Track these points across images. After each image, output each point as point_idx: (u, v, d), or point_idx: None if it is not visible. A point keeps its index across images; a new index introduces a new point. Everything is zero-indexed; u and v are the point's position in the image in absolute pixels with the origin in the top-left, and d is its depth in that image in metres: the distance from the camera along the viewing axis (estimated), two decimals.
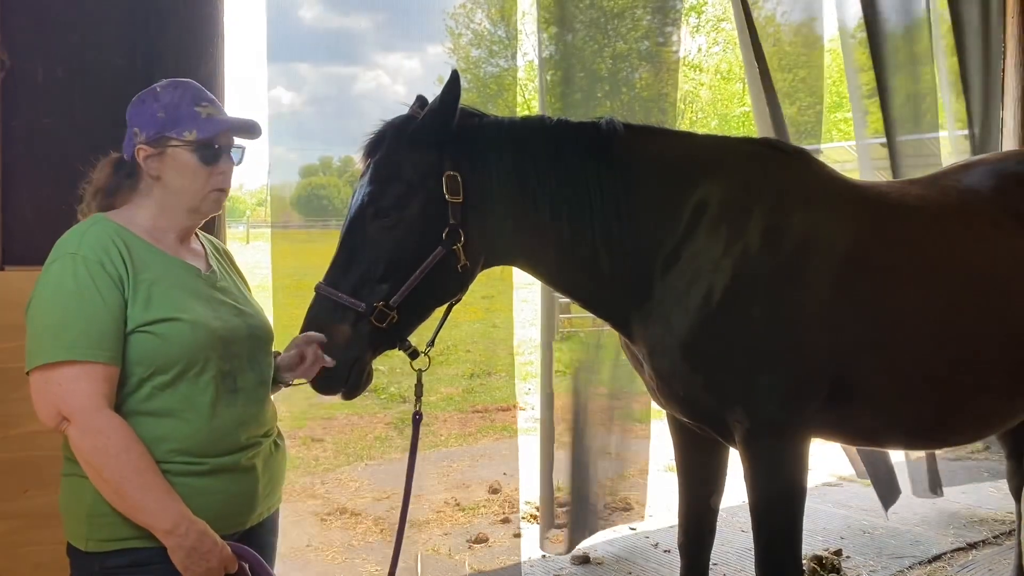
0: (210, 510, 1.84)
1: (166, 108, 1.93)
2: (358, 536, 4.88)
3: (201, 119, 1.92)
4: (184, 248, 2.00)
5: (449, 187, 2.34)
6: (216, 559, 1.79)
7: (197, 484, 1.84)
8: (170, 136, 1.91)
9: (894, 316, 2.57)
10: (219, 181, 1.96)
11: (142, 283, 1.82)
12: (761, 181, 2.61)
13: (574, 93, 4.48)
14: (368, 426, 7.62)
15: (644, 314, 2.56)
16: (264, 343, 2.06)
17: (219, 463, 1.87)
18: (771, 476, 2.58)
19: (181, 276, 1.92)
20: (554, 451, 4.41)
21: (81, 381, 1.72)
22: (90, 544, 1.81)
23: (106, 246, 1.82)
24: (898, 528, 4.90)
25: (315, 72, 4.35)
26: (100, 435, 1.73)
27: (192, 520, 1.78)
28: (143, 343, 1.80)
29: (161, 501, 1.75)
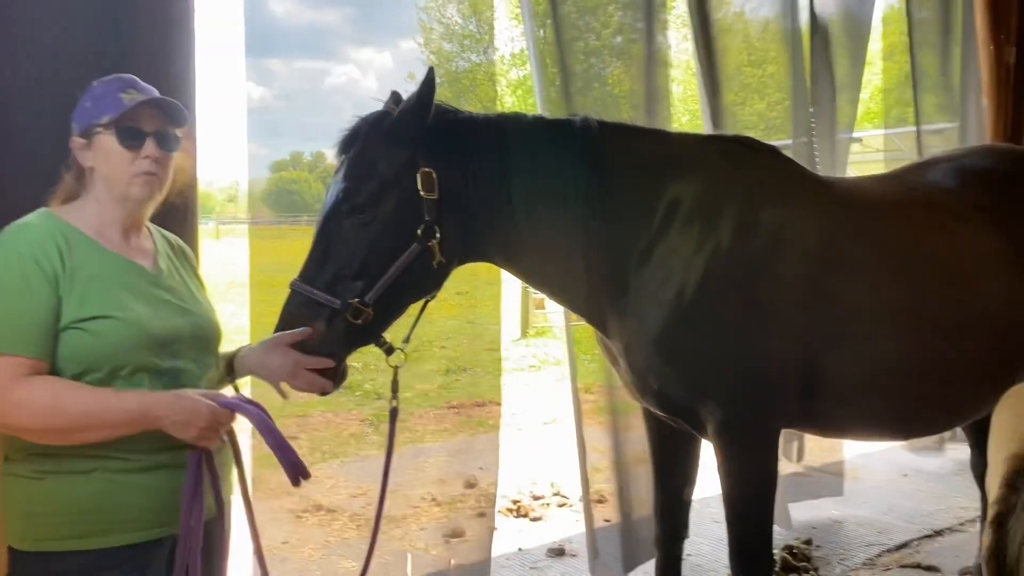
0: (148, 507, 1.84)
1: (94, 99, 1.94)
2: (334, 533, 4.88)
3: (123, 103, 1.91)
4: (131, 245, 1.98)
5: (424, 184, 2.35)
6: (203, 419, 1.81)
7: (134, 481, 1.83)
8: (95, 124, 1.91)
9: (862, 310, 2.62)
10: (144, 165, 1.92)
11: (79, 280, 1.81)
12: (733, 178, 2.65)
13: (547, 88, 4.49)
14: (343, 423, 7.59)
15: (619, 310, 2.59)
16: (210, 342, 2.05)
17: (156, 460, 1.85)
18: (743, 467, 2.62)
19: (122, 274, 1.91)
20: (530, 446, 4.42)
21: (2, 373, 1.72)
22: (27, 544, 1.80)
23: (43, 242, 1.81)
24: (867, 517, 4.98)
25: (286, 67, 4.31)
26: (27, 403, 1.72)
27: (156, 399, 1.80)
28: (76, 340, 1.79)
29: (118, 404, 1.77)
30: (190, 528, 1.85)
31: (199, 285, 2.16)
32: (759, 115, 5.93)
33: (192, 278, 2.15)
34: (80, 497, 1.79)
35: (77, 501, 1.79)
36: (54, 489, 1.79)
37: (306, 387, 2.24)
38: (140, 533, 1.83)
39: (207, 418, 1.83)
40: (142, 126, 1.93)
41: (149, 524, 1.84)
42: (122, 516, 1.81)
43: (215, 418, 1.85)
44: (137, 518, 1.83)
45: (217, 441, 1.92)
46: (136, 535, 1.82)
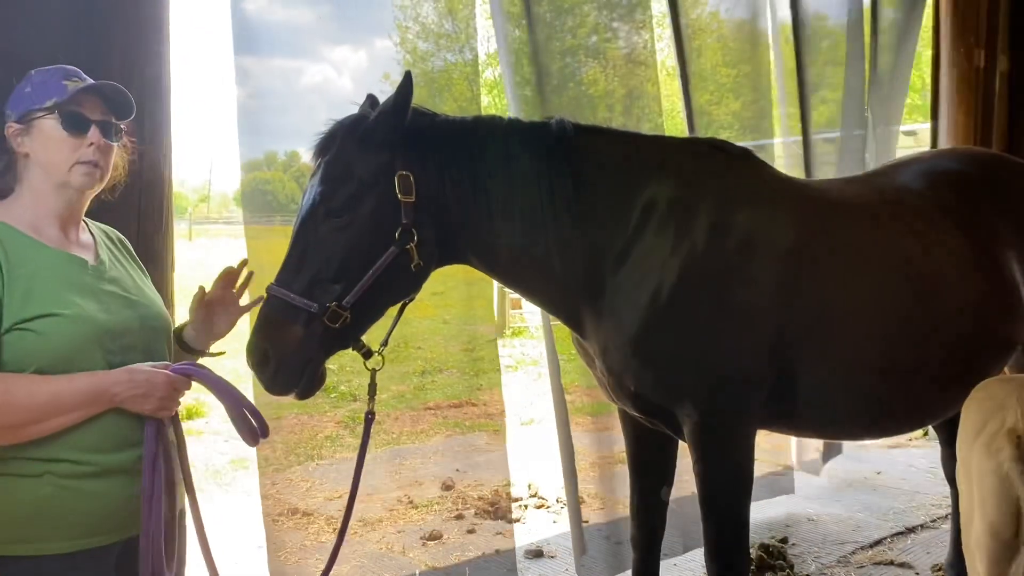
0: (97, 513, 1.80)
1: (34, 85, 1.89)
2: (310, 536, 4.85)
3: (67, 90, 1.87)
4: (70, 240, 1.93)
5: (402, 187, 2.34)
6: (161, 389, 1.82)
7: (83, 486, 1.79)
8: (35, 109, 1.86)
9: (834, 310, 2.65)
10: (87, 153, 1.87)
11: (19, 279, 1.76)
12: (706, 180, 2.67)
13: (523, 88, 4.50)
14: (319, 425, 7.52)
15: (596, 312, 2.60)
16: (160, 333, 2.02)
17: (108, 463, 1.82)
18: (719, 468, 2.64)
19: (64, 269, 1.85)
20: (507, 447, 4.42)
21: None
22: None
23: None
24: (840, 515, 5.04)
25: (260, 66, 4.28)
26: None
27: (109, 377, 1.78)
28: (21, 341, 1.74)
29: (70, 387, 1.74)
30: (152, 503, 1.83)
31: (142, 275, 2.11)
32: (734, 115, 5.97)
33: (134, 268, 2.10)
34: (26, 501, 1.74)
35: (23, 505, 1.74)
36: (1, 492, 1.75)
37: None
38: (88, 539, 1.79)
39: (164, 387, 1.83)
40: (86, 113, 1.88)
41: (97, 531, 1.81)
42: (70, 521, 1.77)
43: (172, 386, 1.85)
44: (84, 524, 1.79)
45: (175, 409, 1.91)
46: (82, 541, 1.79)
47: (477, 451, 6.05)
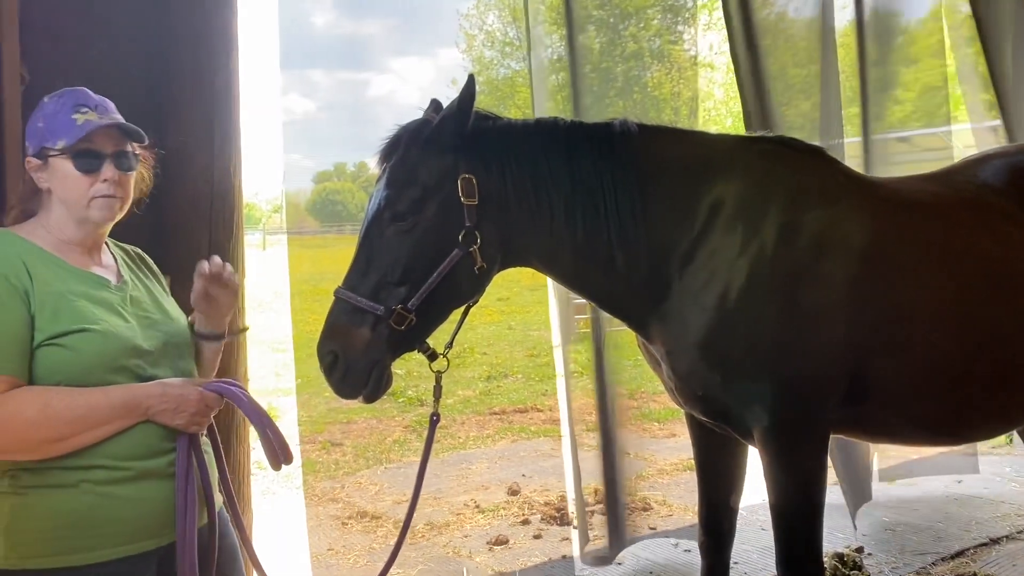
0: (135, 520, 1.81)
1: (46, 118, 1.89)
2: (379, 539, 4.91)
3: (76, 126, 1.85)
4: (93, 261, 1.95)
5: (465, 190, 2.36)
6: (192, 404, 1.85)
7: (120, 492, 1.80)
8: (48, 147, 1.87)
9: (910, 313, 2.56)
10: (103, 189, 1.88)
11: (49, 296, 1.78)
12: (776, 179, 2.61)
13: (585, 94, 4.49)
14: (387, 429, 7.65)
15: (661, 314, 2.57)
16: (182, 347, 2.03)
17: (143, 468, 1.83)
18: (790, 474, 2.58)
19: (90, 288, 1.87)
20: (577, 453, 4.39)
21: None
22: (10, 561, 1.74)
23: (10, 259, 1.79)
24: (920, 524, 4.87)
25: (328, 78, 4.35)
26: (15, 416, 1.69)
27: (143, 390, 1.81)
28: (53, 356, 1.76)
29: (106, 400, 1.76)
30: (186, 515, 1.85)
31: (163, 292, 2.13)
32: (804, 115, 5.85)
33: (155, 285, 2.11)
34: (65, 511, 1.75)
35: (62, 515, 1.75)
36: (38, 504, 1.76)
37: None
38: (128, 547, 1.80)
39: (196, 403, 1.86)
40: (99, 148, 1.88)
41: (136, 537, 1.81)
42: (109, 530, 1.78)
43: (204, 402, 1.88)
44: (123, 531, 1.80)
45: (206, 425, 1.93)
46: (124, 548, 1.79)
47: (543, 456, 6.06)
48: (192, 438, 1.90)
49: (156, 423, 1.84)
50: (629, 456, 4.58)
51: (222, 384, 1.94)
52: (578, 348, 4.83)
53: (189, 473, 1.87)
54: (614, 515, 4.36)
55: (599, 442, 4.36)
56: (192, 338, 2.11)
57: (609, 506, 4.34)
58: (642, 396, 4.75)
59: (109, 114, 1.94)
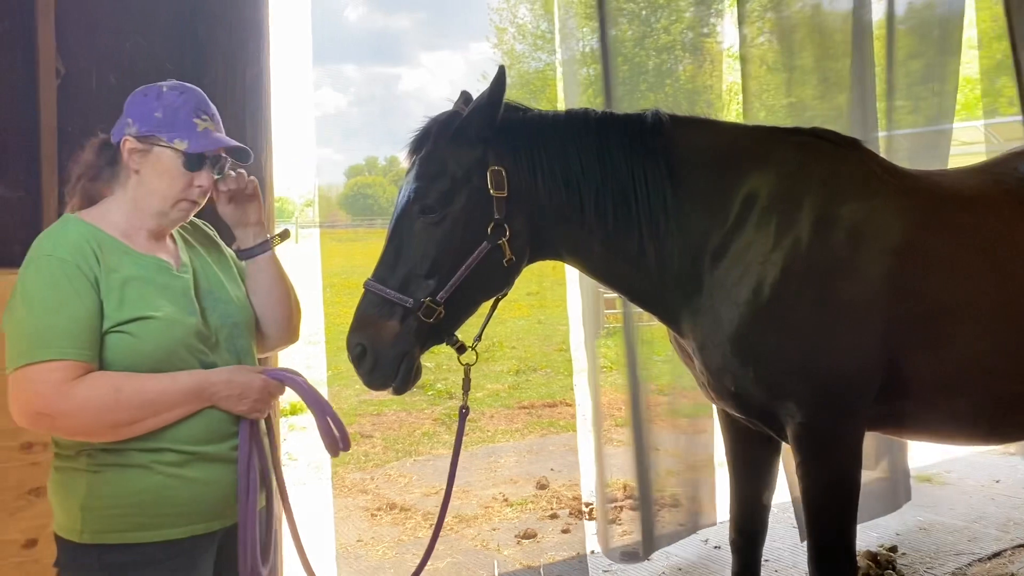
0: (201, 500, 1.87)
1: (165, 110, 1.91)
2: (407, 531, 4.93)
3: (196, 131, 1.91)
4: (157, 244, 1.98)
5: (494, 182, 2.35)
6: (256, 392, 1.90)
7: (191, 474, 1.86)
8: (160, 138, 1.90)
9: (949, 307, 2.51)
10: (195, 193, 1.95)
11: (115, 283, 1.83)
12: (811, 172, 2.57)
13: (617, 86, 4.45)
14: (416, 422, 7.68)
15: (693, 308, 2.54)
16: (243, 328, 2.06)
17: (207, 451, 1.88)
18: (824, 471, 2.54)
19: (153, 274, 1.91)
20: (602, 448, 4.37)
21: (56, 374, 1.73)
22: (85, 536, 1.81)
23: (80, 247, 1.82)
24: (955, 524, 4.79)
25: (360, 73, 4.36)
26: (89, 401, 1.73)
27: (210, 376, 1.86)
28: (119, 343, 1.81)
29: (174, 386, 1.81)
30: (248, 498, 1.90)
31: (226, 264, 2.15)
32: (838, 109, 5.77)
33: (219, 259, 2.14)
34: (138, 490, 1.81)
35: (135, 494, 1.81)
36: (113, 482, 1.81)
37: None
38: (193, 527, 1.86)
39: (260, 391, 1.91)
40: (205, 154, 1.95)
41: (202, 517, 1.88)
42: (177, 510, 1.84)
43: (267, 389, 1.93)
44: (189, 512, 1.86)
45: (267, 412, 1.98)
46: (189, 528, 1.85)
47: (571, 451, 6.04)
48: (253, 424, 1.95)
49: (219, 409, 1.89)
50: (658, 452, 4.55)
51: (283, 372, 2.00)
52: (606, 343, 4.80)
53: (251, 458, 1.93)
54: (647, 512, 4.33)
55: (629, 437, 4.33)
56: (253, 330, 2.13)
57: (642, 503, 4.31)
58: (672, 392, 4.70)
59: (219, 126, 1.99)
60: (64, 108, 2.82)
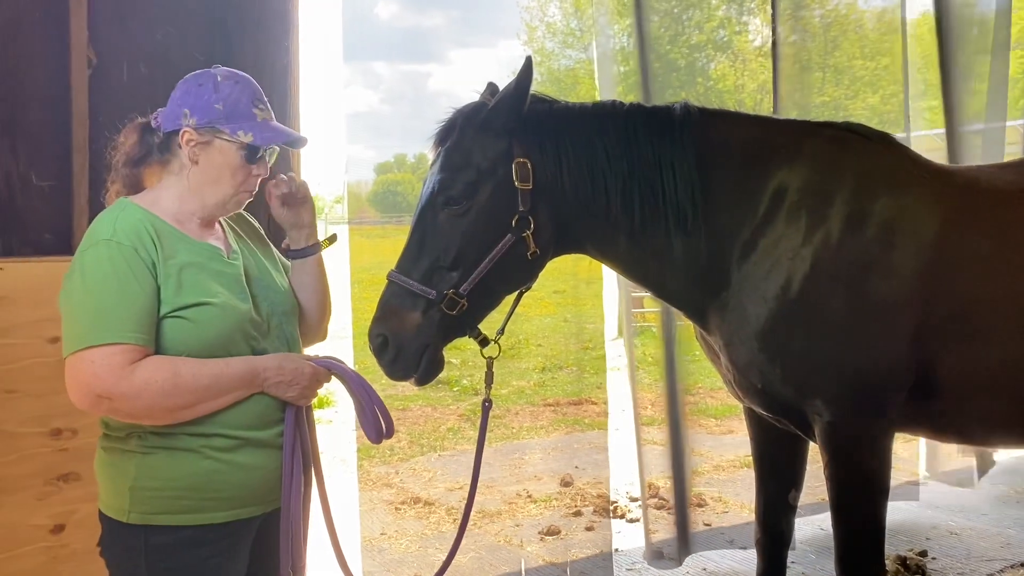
0: (246, 486, 1.89)
1: (225, 101, 1.92)
2: (431, 525, 4.93)
3: (257, 122, 1.94)
4: (208, 231, 2.01)
5: (519, 174, 2.33)
6: (305, 379, 1.93)
7: (240, 460, 1.88)
8: (223, 130, 1.91)
9: (984, 306, 2.44)
10: (252, 183, 1.98)
11: (172, 268, 1.85)
12: (843, 166, 2.52)
13: (649, 83, 4.42)
14: (441, 417, 7.70)
15: (720, 303, 2.51)
16: (289, 315, 2.09)
17: (254, 437, 1.90)
18: (852, 471, 2.49)
19: (207, 260, 1.93)
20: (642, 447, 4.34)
21: (116, 357, 1.75)
22: (132, 516, 1.84)
23: (139, 232, 1.84)
24: (988, 530, 4.70)
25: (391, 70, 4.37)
26: (149, 384, 1.75)
27: (261, 362, 1.89)
28: (176, 328, 1.84)
29: (228, 371, 1.84)
30: (292, 484, 1.93)
31: (270, 255, 2.18)
32: (871, 108, 5.70)
33: (262, 249, 2.16)
34: (187, 474, 1.84)
35: (184, 477, 1.84)
36: (163, 464, 1.84)
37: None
38: (238, 511, 1.89)
39: (309, 377, 1.94)
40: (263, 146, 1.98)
41: (247, 502, 1.91)
42: (225, 494, 1.87)
43: (316, 377, 1.96)
44: (235, 496, 1.88)
45: (313, 398, 2.01)
46: (235, 512, 1.89)
47: (596, 449, 6.01)
48: (299, 411, 1.98)
49: (268, 395, 1.92)
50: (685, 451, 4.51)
51: (331, 361, 2.03)
52: (634, 342, 4.76)
53: (296, 444, 1.96)
54: (681, 514, 4.29)
55: (664, 437, 4.30)
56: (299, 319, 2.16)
57: (677, 504, 4.27)
58: (699, 391, 4.66)
59: (272, 114, 2.02)
60: (96, 98, 2.85)
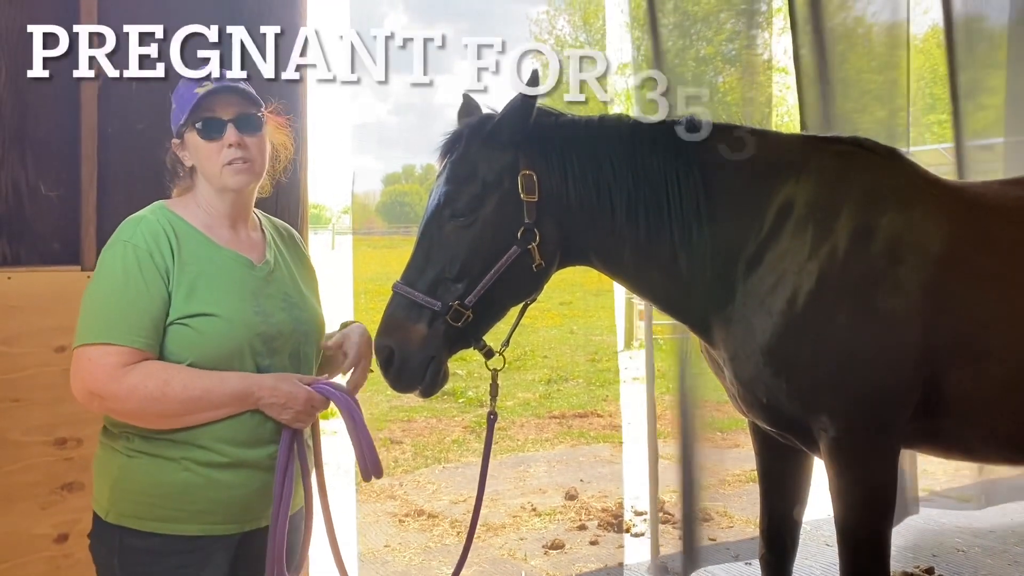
0: (225, 503, 1.88)
1: (177, 100, 1.97)
2: (435, 538, 4.92)
3: (199, 97, 1.92)
4: (240, 238, 2.01)
5: (525, 186, 2.34)
6: (299, 403, 1.88)
7: (219, 477, 1.87)
8: (181, 123, 1.95)
9: (991, 322, 2.43)
10: (228, 154, 1.93)
11: (187, 275, 1.86)
12: (849, 180, 2.52)
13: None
14: (446, 429, 7.69)
15: (725, 318, 2.50)
16: (311, 337, 2.07)
17: (242, 456, 1.89)
18: (857, 487, 2.48)
19: (229, 270, 1.94)
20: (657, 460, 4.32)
21: (111, 357, 1.77)
22: (111, 515, 1.86)
23: (157, 235, 1.87)
24: (995, 547, 4.66)
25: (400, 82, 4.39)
26: (137, 388, 1.77)
27: (256, 381, 1.86)
28: (180, 335, 1.85)
29: (221, 386, 1.83)
30: (280, 506, 1.90)
31: (308, 275, 2.18)
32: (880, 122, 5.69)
33: (301, 268, 2.17)
34: (165, 483, 1.84)
35: (159, 486, 1.85)
36: (142, 469, 1.85)
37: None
38: (213, 527, 1.88)
39: (304, 403, 1.90)
40: (219, 115, 1.94)
41: (221, 519, 1.89)
42: (200, 508, 1.86)
43: (311, 403, 1.92)
44: (213, 511, 1.87)
45: (309, 423, 1.98)
46: (207, 527, 1.88)
47: (601, 462, 6.02)
48: (295, 433, 1.95)
49: (264, 414, 1.90)
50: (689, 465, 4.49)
51: (330, 389, 1.97)
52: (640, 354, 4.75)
53: (288, 466, 1.93)
54: (689, 530, 4.26)
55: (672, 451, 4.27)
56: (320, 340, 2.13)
57: (685, 519, 4.25)
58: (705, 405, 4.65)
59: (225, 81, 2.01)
60: (104, 109, 2.87)
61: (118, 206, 2.83)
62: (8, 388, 2.68)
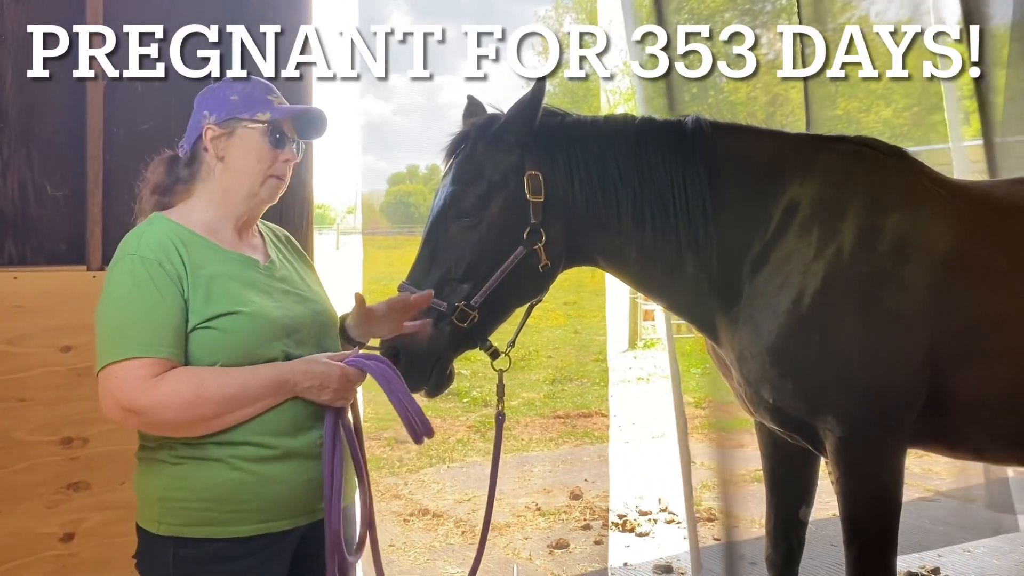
0: (279, 498, 1.85)
1: (240, 94, 1.96)
2: (439, 538, 4.92)
3: (274, 106, 1.96)
4: (242, 241, 2.01)
5: (531, 186, 2.34)
6: (335, 381, 1.88)
7: (269, 471, 1.84)
8: (242, 118, 1.93)
9: (999, 322, 2.43)
10: (281, 168, 1.96)
11: (200, 279, 1.84)
12: (855, 180, 2.52)
13: (659, 97, 4.41)
14: (451, 429, 7.69)
15: (732, 318, 2.50)
16: (329, 327, 2.07)
17: (289, 446, 1.86)
18: (863, 488, 2.47)
19: (239, 269, 1.93)
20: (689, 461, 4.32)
21: (138, 371, 1.74)
22: (162, 528, 1.82)
23: (164, 244, 1.84)
24: (1002, 547, 4.65)
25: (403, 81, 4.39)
26: (172, 396, 1.74)
27: (288, 367, 1.85)
28: (206, 338, 1.82)
29: (255, 379, 1.81)
30: (333, 484, 1.88)
31: (308, 271, 2.19)
32: (885, 122, 5.68)
33: (301, 265, 2.17)
34: (216, 484, 1.82)
35: (213, 488, 1.82)
36: (192, 475, 1.82)
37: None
38: (269, 524, 1.85)
39: (339, 379, 1.89)
40: (287, 131, 1.98)
41: (278, 515, 1.86)
42: (254, 506, 1.83)
43: (347, 378, 1.90)
44: (267, 508, 1.84)
45: (351, 399, 1.96)
46: (265, 526, 1.85)
47: (606, 462, 6.02)
48: (339, 412, 1.93)
49: (303, 400, 1.88)
50: (695, 465, 4.49)
51: (363, 360, 1.96)
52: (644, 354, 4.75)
53: (336, 447, 1.91)
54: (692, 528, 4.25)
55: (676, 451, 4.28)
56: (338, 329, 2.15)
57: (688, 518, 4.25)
58: (709, 404, 4.65)
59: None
60: (110, 109, 2.87)
61: (124, 206, 2.82)
62: (14, 387, 2.68)
